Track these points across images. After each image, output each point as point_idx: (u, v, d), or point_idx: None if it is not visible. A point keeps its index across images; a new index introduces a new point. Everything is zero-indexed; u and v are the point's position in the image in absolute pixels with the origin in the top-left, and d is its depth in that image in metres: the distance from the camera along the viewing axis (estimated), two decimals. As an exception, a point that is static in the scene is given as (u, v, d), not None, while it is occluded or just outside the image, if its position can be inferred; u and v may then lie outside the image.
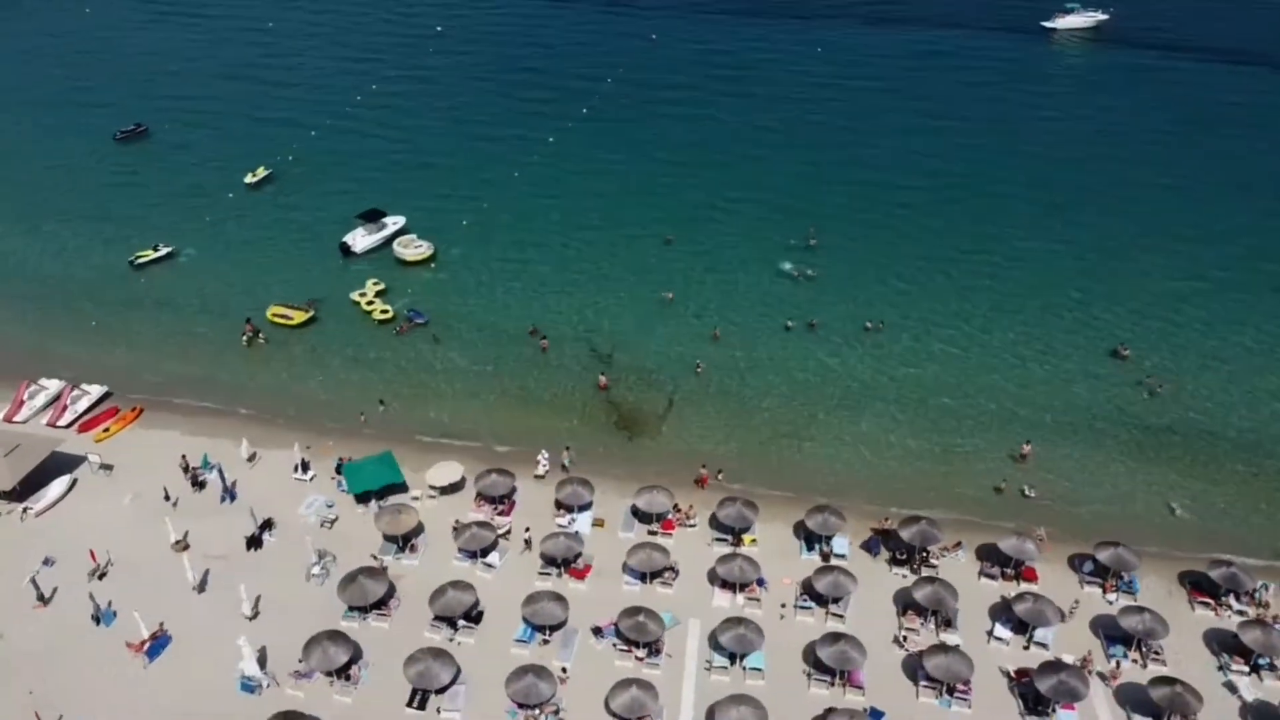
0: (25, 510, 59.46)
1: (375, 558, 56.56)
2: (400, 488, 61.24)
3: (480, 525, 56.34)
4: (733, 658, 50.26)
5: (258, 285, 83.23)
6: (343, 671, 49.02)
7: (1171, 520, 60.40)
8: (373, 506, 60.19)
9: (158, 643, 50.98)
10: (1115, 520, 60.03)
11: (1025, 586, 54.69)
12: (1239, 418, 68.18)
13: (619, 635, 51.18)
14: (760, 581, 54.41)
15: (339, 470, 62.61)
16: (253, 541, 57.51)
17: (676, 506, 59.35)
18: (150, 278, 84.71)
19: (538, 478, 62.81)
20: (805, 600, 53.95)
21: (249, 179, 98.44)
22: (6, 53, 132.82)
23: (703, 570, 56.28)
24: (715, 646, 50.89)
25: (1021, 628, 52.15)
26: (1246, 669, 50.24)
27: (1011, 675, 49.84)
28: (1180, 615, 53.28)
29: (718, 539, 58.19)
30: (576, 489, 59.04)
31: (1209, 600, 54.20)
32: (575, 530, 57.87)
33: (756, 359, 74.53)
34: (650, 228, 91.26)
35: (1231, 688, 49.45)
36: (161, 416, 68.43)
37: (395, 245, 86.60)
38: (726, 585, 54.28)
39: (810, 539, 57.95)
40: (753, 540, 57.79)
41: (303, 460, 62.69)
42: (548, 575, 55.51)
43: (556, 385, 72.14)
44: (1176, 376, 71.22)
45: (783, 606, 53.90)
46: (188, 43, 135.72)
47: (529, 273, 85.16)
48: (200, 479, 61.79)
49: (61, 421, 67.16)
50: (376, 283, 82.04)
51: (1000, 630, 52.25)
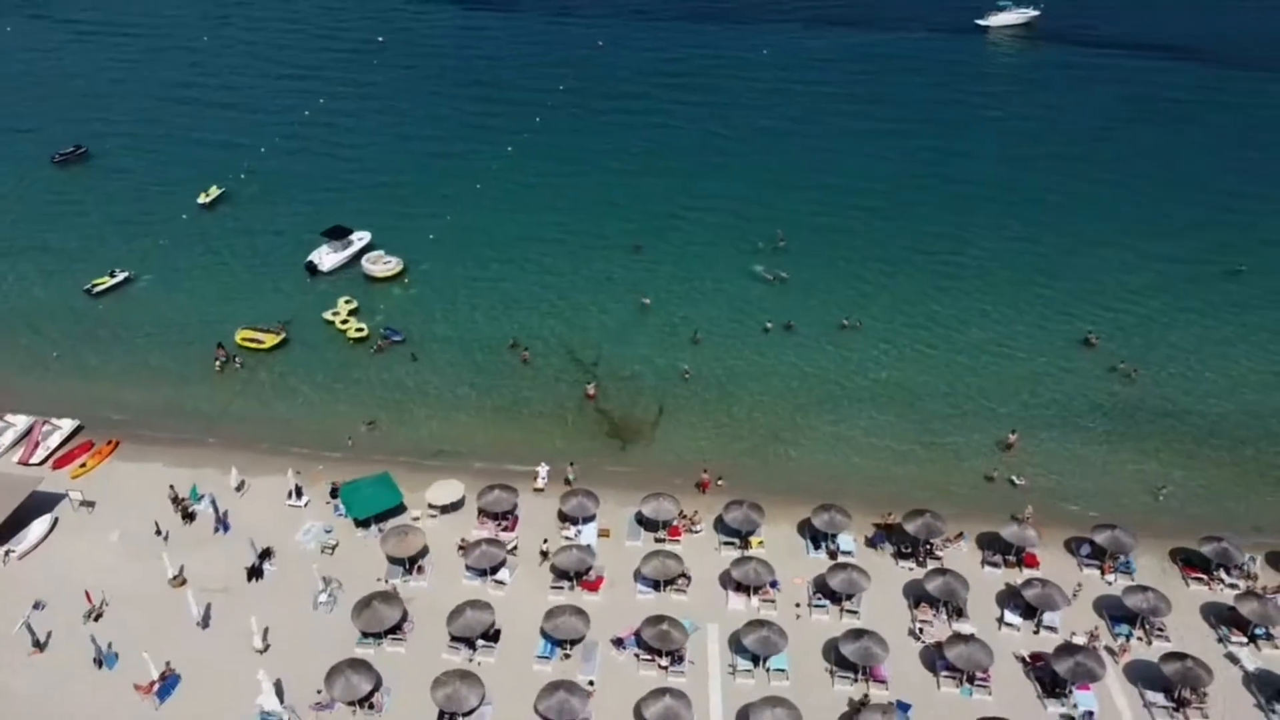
0: (7, 553, 57.10)
1: (383, 581, 55.53)
2: (399, 509, 60.28)
3: (490, 542, 55.77)
4: (756, 660, 50.58)
5: (223, 308, 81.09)
6: (365, 700, 48.09)
7: (1155, 501, 62.40)
8: (373, 530, 59.20)
9: (167, 683, 49.41)
10: (1102, 503, 61.85)
11: (1028, 573, 56.09)
12: (1206, 399, 70.76)
13: (640, 645, 51.14)
14: (773, 583, 54.83)
15: (334, 494, 61.46)
16: (253, 572, 56.07)
17: (682, 513, 59.44)
18: (109, 305, 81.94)
19: (537, 491, 62.41)
20: (819, 599, 54.54)
21: (202, 199, 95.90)
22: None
23: (714, 575, 56.57)
24: (738, 650, 51.17)
25: (1030, 613, 53.49)
26: (1245, 640, 52.22)
27: (1027, 660, 51.06)
28: (1175, 592, 55.13)
29: (726, 543, 58.52)
30: (581, 501, 58.83)
31: (1202, 576, 56.21)
32: (587, 543, 57.51)
33: (740, 362, 75.07)
34: (617, 236, 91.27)
35: (1233, 659, 51.39)
36: (139, 449, 66.26)
37: (364, 262, 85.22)
38: (741, 588, 54.62)
39: (816, 538, 58.61)
40: (760, 542, 58.23)
41: (296, 486, 61.29)
42: (560, 589, 55.19)
43: (543, 397, 71.75)
44: (1146, 362, 73.54)
45: (797, 606, 54.44)
46: (117, 62, 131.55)
47: (502, 285, 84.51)
48: (190, 511, 60.00)
49: (34, 459, 64.63)
50: (348, 301, 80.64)
51: (1010, 616, 53.51)
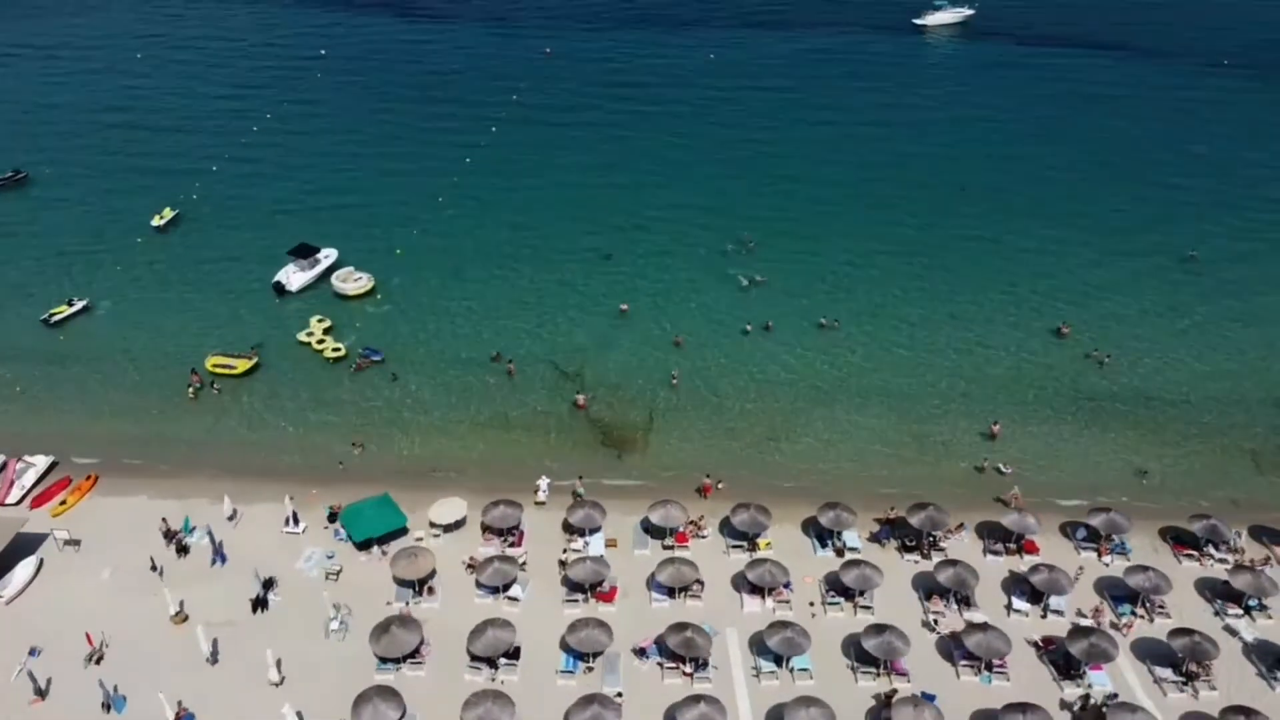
0: (-5, 599, 54.88)
1: (397, 604, 54.61)
2: (402, 530, 59.37)
3: (502, 559, 55.22)
4: (778, 660, 50.96)
5: (189, 333, 79.12)
6: (393, 727, 47.25)
7: (1138, 482, 64.43)
8: (376, 552, 58.21)
9: (183, 723, 47.97)
10: (1088, 487, 63.74)
11: (1029, 559, 57.54)
12: (1173, 381, 73.48)
13: (664, 653, 51.17)
14: (786, 584, 55.28)
15: (332, 519, 60.32)
16: (258, 603, 54.66)
17: (690, 519, 59.65)
18: (70, 335, 79.19)
19: (539, 504, 62.01)
20: (833, 596, 55.17)
21: (156, 221, 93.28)
22: None
23: (725, 579, 56.83)
24: (760, 652, 51.52)
25: (1035, 597, 54.86)
26: (1241, 612, 54.27)
27: (1039, 644, 52.34)
28: (1169, 569, 56.85)
29: (734, 546, 58.84)
30: (589, 512, 58.62)
31: (1193, 552, 58.25)
32: (598, 554, 57.32)
33: (724, 365, 75.60)
34: (585, 245, 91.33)
35: (1231, 631, 53.33)
36: (120, 482, 64.09)
37: (334, 279, 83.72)
38: (756, 590, 54.98)
39: (821, 536, 59.30)
40: (767, 544, 58.67)
41: (293, 513, 59.94)
42: (575, 602, 54.93)
43: (533, 409, 71.34)
44: (1114, 349, 75.87)
45: (811, 605, 55.00)
46: (47, 84, 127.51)
47: (476, 297, 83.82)
48: (184, 544, 58.27)
49: (10, 499, 62.14)
50: (321, 320, 79.18)
51: (1018, 603, 54.78)
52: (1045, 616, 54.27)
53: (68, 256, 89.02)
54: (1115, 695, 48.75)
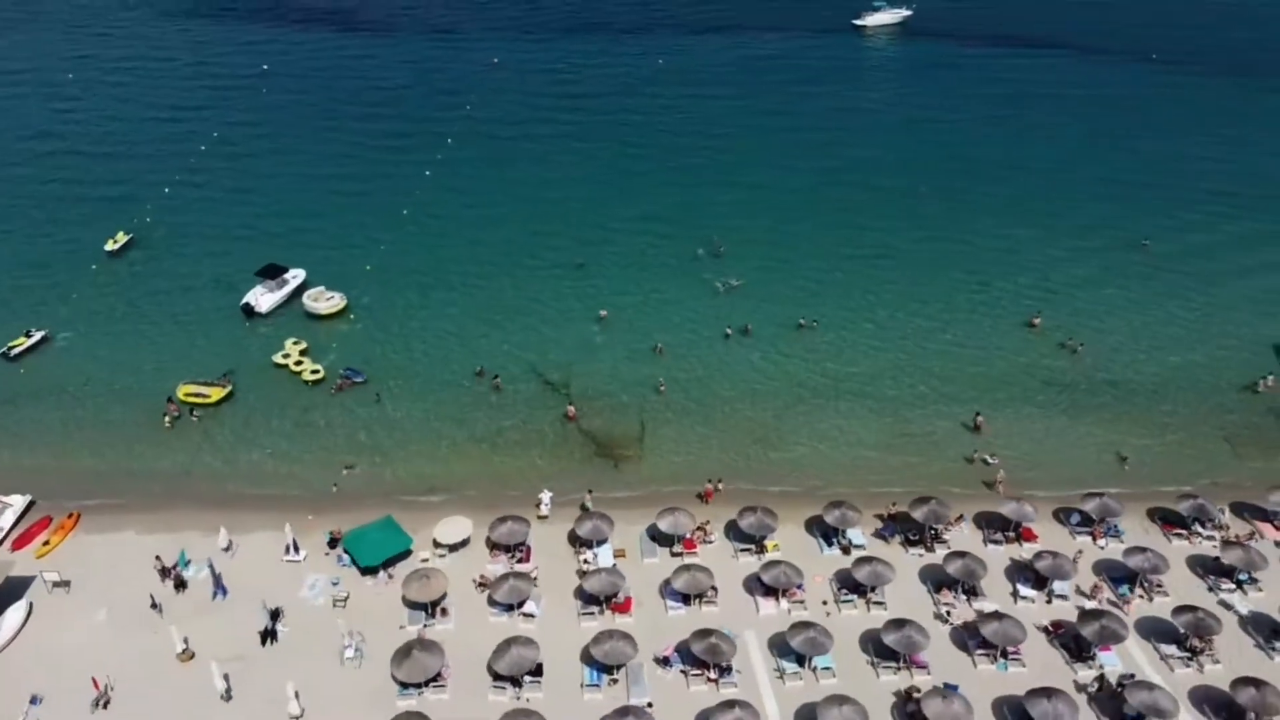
0: (-14, 648, 52.62)
1: (414, 627, 53.76)
2: (408, 552, 58.49)
3: (517, 576, 54.73)
4: (800, 660, 51.41)
5: (157, 361, 76.91)
6: (425, 753, 46.55)
7: (1119, 468, 66.37)
8: (381, 576, 57.25)
9: (204, 763, 46.60)
10: (1071, 474, 65.48)
11: (1029, 546, 59.01)
12: (1142, 366, 75.83)
13: (688, 660, 51.27)
14: (799, 584, 55.80)
15: (332, 545, 59.17)
16: (267, 635, 53.34)
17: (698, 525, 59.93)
18: (31, 368, 76.36)
19: (541, 518, 61.63)
20: (845, 594, 55.87)
21: (110, 246, 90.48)
22: None
23: (737, 583, 57.14)
24: (781, 653, 51.94)
25: (1039, 584, 56.26)
26: (1233, 587, 56.37)
27: (1049, 629, 53.68)
28: (1161, 549, 58.65)
29: (742, 549, 59.20)
30: (597, 524, 58.44)
31: (1181, 531, 60.32)
32: (612, 565, 57.20)
33: (709, 370, 75.92)
34: (555, 255, 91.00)
35: (1226, 605, 55.33)
36: (104, 519, 61.98)
37: (305, 299, 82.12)
38: (770, 592, 55.39)
39: (826, 535, 60.01)
40: (775, 545, 59.16)
41: (293, 540, 58.62)
42: (591, 614, 54.72)
43: (523, 423, 70.80)
44: (1083, 337, 78.12)
45: (825, 604, 55.63)
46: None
47: (451, 312, 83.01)
48: (182, 579, 56.58)
49: (-11, 542, 59.77)
50: (296, 342, 77.59)
51: (1024, 590, 56.11)
52: (1050, 602, 55.67)
53: (19, 287, 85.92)
54: (1132, 675, 50.18)
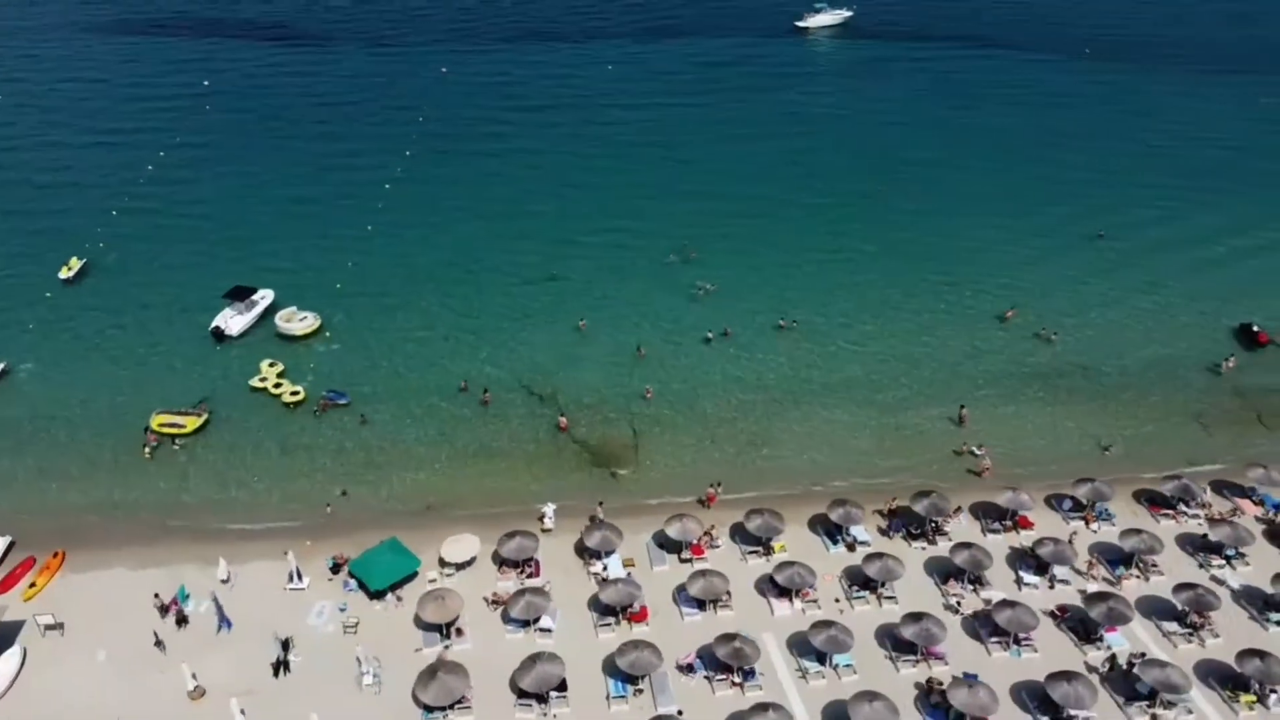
0: (-18, 698, 50.46)
1: (424, 650, 52.99)
2: (416, 573, 57.71)
3: (533, 592, 54.30)
4: (820, 659, 51.94)
5: (128, 389, 74.50)
6: (458, 776, 45.98)
7: (1101, 453, 68.35)
8: (390, 599, 56.33)
9: (231, 803, 45.35)
10: (1055, 460, 67.39)
11: (1026, 534, 60.49)
12: (1112, 354, 78.13)
13: (710, 665, 51.43)
14: (811, 584, 56.39)
15: (335, 570, 58.03)
16: (279, 666, 52.09)
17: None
18: (-7, 403, 73.54)
19: (545, 531, 61.26)
20: (856, 590, 56.61)
21: (64, 273, 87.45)
22: None
23: (748, 585, 57.49)
24: (801, 653, 52.42)
25: (1041, 570, 57.69)
26: (1222, 562, 58.48)
27: (1055, 613, 55.07)
28: (1149, 529, 60.68)
29: (750, 552, 59.59)
30: (605, 535, 58.28)
31: (1168, 512, 62.37)
32: (626, 574, 57.11)
33: (694, 375, 76.22)
34: (527, 266, 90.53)
35: (1219, 581, 57.38)
36: (91, 556, 59.82)
37: (277, 320, 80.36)
38: (784, 593, 55.86)
39: (831, 533, 60.73)
40: (782, 546, 59.67)
41: (296, 568, 57.33)
42: (608, 625, 54.57)
43: (515, 436, 70.23)
44: (1057, 327, 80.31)
45: (837, 601, 56.31)
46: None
47: (428, 327, 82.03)
48: (183, 614, 54.96)
49: (-30, 587, 57.29)
50: (273, 364, 75.91)
51: (1027, 576, 57.47)
52: (1053, 587, 57.11)
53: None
54: (1143, 654, 51.74)
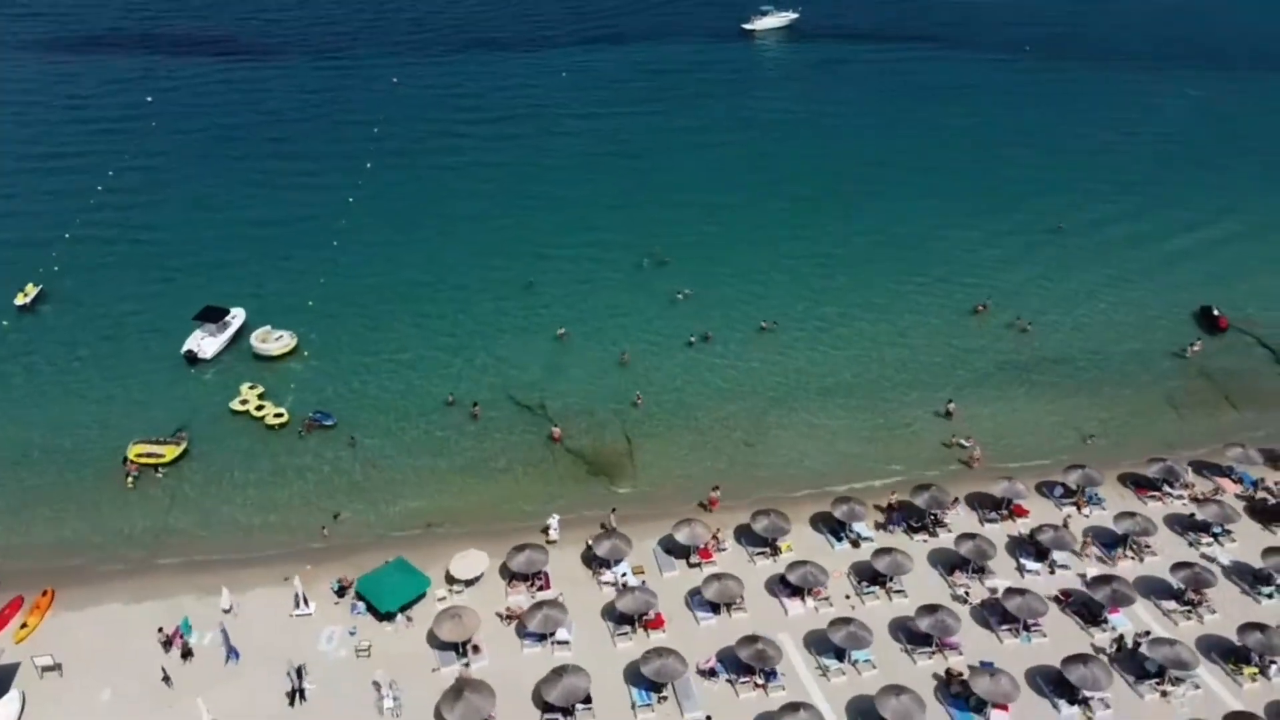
0: (-18, 748, 48.53)
1: (441, 670, 52.32)
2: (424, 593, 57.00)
3: (550, 605, 53.98)
4: (839, 656, 52.51)
5: (101, 418, 72.13)
6: (492, 796, 45.50)
7: (1083, 440, 70.20)
8: (400, 620, 55.52)
9: (261, 838, 44.25)
10: (1041, 448, 69.23)
11: (1022, 522, 61.90)
12: (1083, 343, 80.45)
13: (731, 668, 51.67)
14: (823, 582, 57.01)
15: (340, 593, 57.01)
16: (294, 694, 50.98)
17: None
18: (-44, 439, 70.62)
19: (550, 543, 60.90)
20: (866, 586, 57.35)
21: (20, 300, 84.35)
22: None
23: (758, 586, 57.87)
24: (820, 651, 52.95)
25: (1040, 556, 59.09)
26: (1211, 540, 60.53)
27: (1060, 598, 56.44)
28: (1139, 511, 62.65)
29: (758, 553, 59.98)
30: (615, 543, 58.18)
31: (1155, 493, 64.35)
32: (641, 582, 57.06)
33: (681, 379, 76.37)
34: (500, 276, 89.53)
35: (1209, 558, 59.40)
36: (83, 593, 57.88)
37: (252, 341, 78.57)
38: (796, 592, 56.36)
39: (835, 530, 61.43)
40: (788, 546, 60.18)
41: (303, 594, 56.16)
42: (626, 635, 54.48)
43: (508, 449, 69.60)
44: (1033, 317, 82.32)
45: (848, 598, 56.99)
46: None
47: (406, 342, 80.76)
48: (188, 647, 53.47)
49: (-43, 631, 55.01)
50: (252, 386, 74.21)
51: (1029, 563, 58.81)
52: (1054, 572, 58.53)
53: (-76, 353, 79.18)
54: (1147, 632, 53.32)
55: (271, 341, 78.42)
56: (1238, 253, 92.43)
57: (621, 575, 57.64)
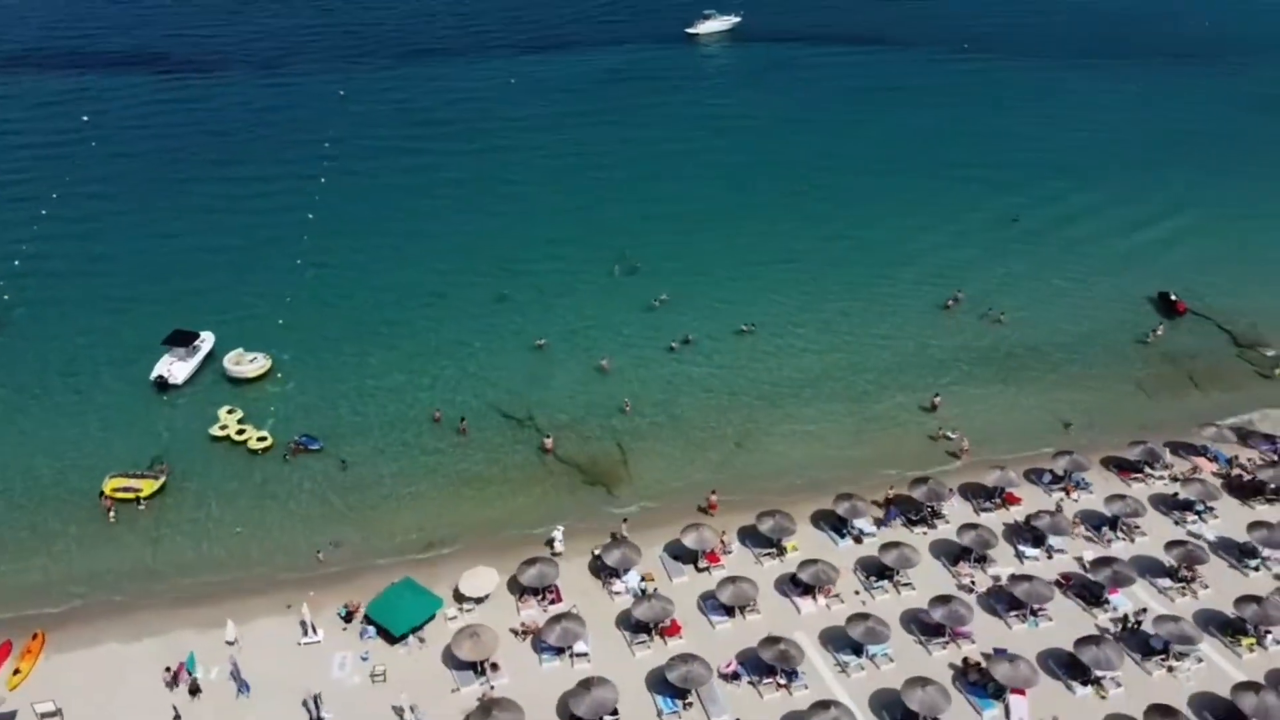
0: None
1: (461, 690, 51.61)
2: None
3: (567, 617, 53.62)
4: (857, 652, 53.13)
5: (72, 452, 69.57)
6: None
7: (1063, 426, 72.10)
8: (412, 642, 54.65)
9: None
10: (1023, 435, 70.87)
11: (1016, 509, 63.38)
12: (1050, 333, 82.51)
13: (753, 670, 51.93)
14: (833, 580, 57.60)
15: (347, 619, 55.90)
16: (314, 725, 49.92)
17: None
18: (-79, 480, 67.46)
19: (556, 555, 60.48)
20: (874, 581, 58.11)
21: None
22: None
23: (768, 587, 58.19)
24: (837, 648, 53.51)
25: (1038, 542, 60.55)
26: (1195, 518, 62.67)
27: (1061, 581, 57.88)
28: (1127, 493, 64.54)
29: (764, 554, 60.36)
30: (624, 552, 58.03)
31: (1137, 475, 66.40)
32: (654, 589, 57.00)
33: (666, 385, 76.46)
34: (470, 289, 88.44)
35: (1196, 535, 61.49)
36: (74, 634, 55.77)
37: (226, 364, 76.56)
38: (807, 591, 56.86)
39: (837, 527, 62.12)
40: (794, 546, 60.68)
41: (310, 622, 54.88)
42: (644, 643, 54.37)
43: (500, 462, 68.94)
44: (1002, 309, 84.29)
45: (857, 593, 57.69)
46: None
47: (383, 360, 79.34)
48: (196, 684, 51.88)
49: (-55, 682, 52.53)
50: (231, 410, 72.34)
51: (1027, 550, 60.20)
52: (1051, 557, 60.01)
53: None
54: (1144, 609, 55.02)
55: (246, 364, 76.49)
56: (1187, 238, 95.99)
57: (639, 584, 57.44)
